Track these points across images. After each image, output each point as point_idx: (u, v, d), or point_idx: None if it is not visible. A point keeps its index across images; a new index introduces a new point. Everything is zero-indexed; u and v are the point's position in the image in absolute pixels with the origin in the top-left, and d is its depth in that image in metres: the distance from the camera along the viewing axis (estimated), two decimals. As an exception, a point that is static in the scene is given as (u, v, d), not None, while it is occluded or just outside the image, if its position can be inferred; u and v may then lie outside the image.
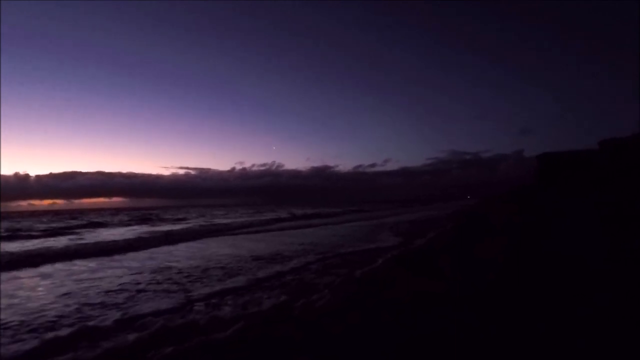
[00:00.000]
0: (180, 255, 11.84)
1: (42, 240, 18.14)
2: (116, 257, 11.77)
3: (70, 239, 18.12)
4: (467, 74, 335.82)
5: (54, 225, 30.78)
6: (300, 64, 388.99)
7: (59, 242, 16.81)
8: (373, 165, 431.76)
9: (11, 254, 12.16)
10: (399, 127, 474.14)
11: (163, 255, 11.95)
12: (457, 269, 6.39)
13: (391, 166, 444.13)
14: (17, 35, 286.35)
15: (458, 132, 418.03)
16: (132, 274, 8.63)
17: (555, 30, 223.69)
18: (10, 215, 67.96)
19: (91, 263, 10.59)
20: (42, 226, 29.62)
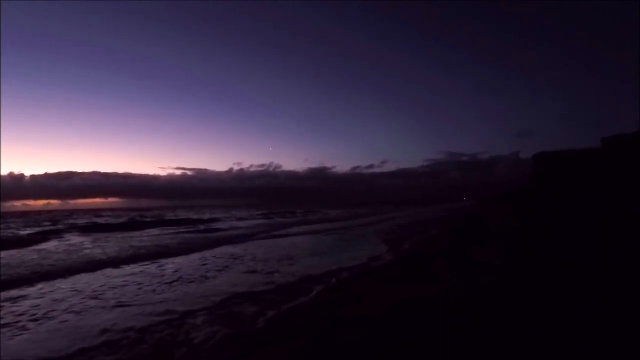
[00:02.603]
0: (79, 286, 8.14)
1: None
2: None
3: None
4: (466, 75, 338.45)
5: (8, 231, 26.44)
6: (298, 65, 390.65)
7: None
8: (370, 166, 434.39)
9: None
10: (396, 129, 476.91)
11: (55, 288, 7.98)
12: (452, 272, 6.23)
13: (388, 167, 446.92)
14: (16, 35, 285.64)
15: (456, 134, 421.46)
16: None
17: (555, 30, 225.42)
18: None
19: None
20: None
